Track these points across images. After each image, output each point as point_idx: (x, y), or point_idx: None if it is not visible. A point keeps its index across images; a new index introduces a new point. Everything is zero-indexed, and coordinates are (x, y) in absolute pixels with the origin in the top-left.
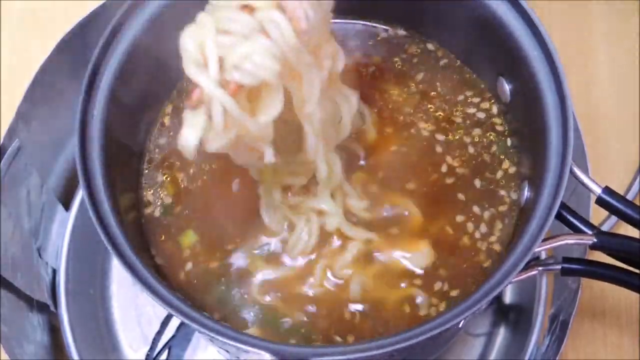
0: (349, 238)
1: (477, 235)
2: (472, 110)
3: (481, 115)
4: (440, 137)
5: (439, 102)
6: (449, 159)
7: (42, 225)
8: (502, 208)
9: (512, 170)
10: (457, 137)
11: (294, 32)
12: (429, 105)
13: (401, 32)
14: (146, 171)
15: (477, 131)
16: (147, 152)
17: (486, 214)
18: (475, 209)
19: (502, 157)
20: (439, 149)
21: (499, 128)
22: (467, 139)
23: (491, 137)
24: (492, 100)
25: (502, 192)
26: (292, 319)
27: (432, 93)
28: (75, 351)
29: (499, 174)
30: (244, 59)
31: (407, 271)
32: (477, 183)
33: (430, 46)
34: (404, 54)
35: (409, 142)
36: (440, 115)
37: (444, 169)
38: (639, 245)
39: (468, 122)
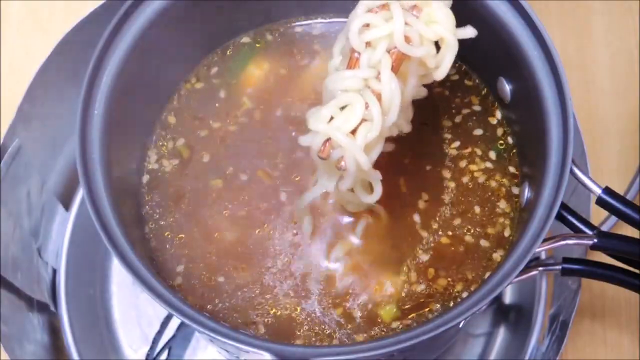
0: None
1: (477, 236)
2: (472, 110)
3: (481, 115)
4: (439, 138)
5: (439, 102)
6: (448, 159)
7: (43, 225)
8: (502, 208)
9: (512, 170)
10: (457, 137)
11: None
12: (428, 105)
13: None
14: (147, 171)
15: (477, 131)
16: (148, 152)
17: (486, 215)
18: (476, 209)
19: (502, 157)
20: (438, 150)
21: (499, 128)
22: (467, 140)
23: (491, 137)
24: (492, 101)
25: (503, 193)
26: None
27: (431, 93)
28: (75, 351)
29: (499, 174)
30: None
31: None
32: (477, 183)
33: None
34: None
35: (405, 142)
36: (439, 115)
37: (443, 169)
38: (639, 246)
39: (468, 122)
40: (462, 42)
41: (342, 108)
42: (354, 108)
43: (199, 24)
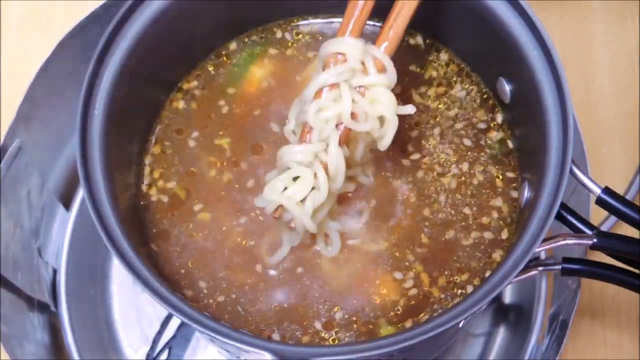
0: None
1: (477, 236)
2: (472, 111)
3: (481, 115)
4: (439, 137)
5: (438, 102)
6: (448, 159)
7: (43, 225)
8: (502, 209)
9: (512, 170)
10: (457, 137)
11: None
12: (428, 106)
13: None
14: (147, 170)
15: (477, 131)
16: (148, 152)
17: (486, 215)
18: (475, 210)
19: (502, 157)
20: (437, 150)
21: (499, 128)
22: (467, 140)
23: (491, 137)
24: (492, 101)
25: (502, 193)
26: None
27: (431, 93)
28: (75, 351)
29: (499, 174)
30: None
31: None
32: (477, 183)
33: (428, 43)
34: (401, 52)
35: (406, 139)
36: (439, 115)
37: (443, 169)
38: (638, 245)
39: (468, 122)
40: (462, 43)
41: (295, 178)
42: (304, 181)
43: (200, 23)
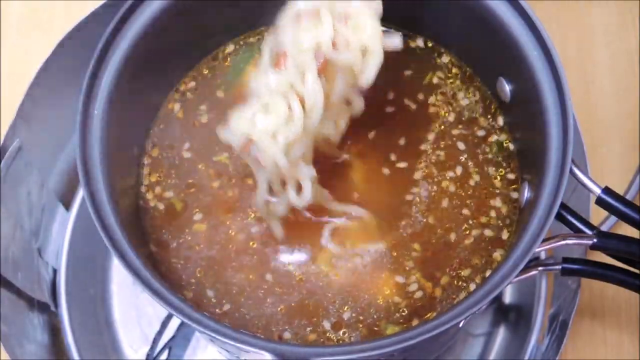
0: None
1: (477, 236)
2: (472, 111)
3: (482, 118)
4: (439, 138)
5: (438, 102)
6: (448, 160)
7: (43, 225)
8: (502, 209)
9: (511, 170)
10: (456, 139)
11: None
12: (429, 105)
13: (397, 29)
14: (147, 171)
15: (477, 131)
16: (148, 152)
17: (486, 215)
18: (475, 210)
19: (502, 157)
20: (437, 150)
21: (499, 128)
22: (466, 142)
23: (491, 137)
24: (492, 101)
25: (502, 193)
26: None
27: (431, 95)
28: (75, 351)
29: (499, 174)
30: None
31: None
32: (477, 183)
33: (429, 45)
34: (401, 52)
35: (408, 141)
36: (439, 115)
37: (442, 171)
38: (638, 245)
39: (468, 122)
40: (462, 43)
41: (266, 108)
42: (277, 110)
43: (200, 24)
